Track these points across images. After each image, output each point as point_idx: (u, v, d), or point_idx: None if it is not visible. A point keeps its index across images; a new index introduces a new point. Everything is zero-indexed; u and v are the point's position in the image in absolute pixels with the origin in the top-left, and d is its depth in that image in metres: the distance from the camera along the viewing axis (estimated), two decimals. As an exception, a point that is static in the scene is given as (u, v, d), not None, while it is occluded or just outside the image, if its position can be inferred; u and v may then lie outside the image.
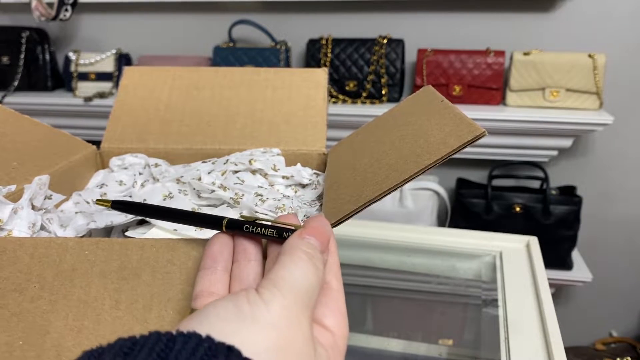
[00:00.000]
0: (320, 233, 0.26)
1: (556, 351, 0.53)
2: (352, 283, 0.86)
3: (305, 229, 0.26)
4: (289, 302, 0.22)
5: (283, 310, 0.21)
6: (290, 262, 0.23)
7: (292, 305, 0.22)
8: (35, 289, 0.31)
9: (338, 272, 0.28)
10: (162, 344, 0.18)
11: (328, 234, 0.27)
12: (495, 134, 1.18)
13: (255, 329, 0.20)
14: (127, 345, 0.18)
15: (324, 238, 0.26)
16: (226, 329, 0.20)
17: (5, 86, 1.35)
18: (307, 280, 0.23)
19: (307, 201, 0.45)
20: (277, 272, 0.23)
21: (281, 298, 0.21)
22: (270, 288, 0.22)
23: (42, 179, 0.44)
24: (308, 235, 0.26)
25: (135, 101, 0.57)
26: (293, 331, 0.21)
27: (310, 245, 0.25)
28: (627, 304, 1.46)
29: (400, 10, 1.28)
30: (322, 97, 0.56)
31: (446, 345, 0.75)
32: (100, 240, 0.34)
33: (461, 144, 0.31)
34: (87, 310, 0.30)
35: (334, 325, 0.25)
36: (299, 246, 0.25)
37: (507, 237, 0.78)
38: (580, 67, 1.14)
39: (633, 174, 1.32)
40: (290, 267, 0.23)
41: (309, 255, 0.24)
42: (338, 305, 0.26)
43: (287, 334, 0.21)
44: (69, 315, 0.30)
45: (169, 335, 0.19)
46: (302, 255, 0.24)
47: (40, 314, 0.29)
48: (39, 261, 0.32)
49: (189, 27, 1.40)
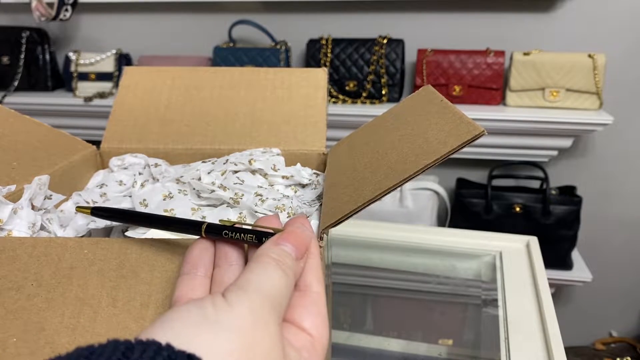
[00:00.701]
0: (298, 238, 0.26)
1: (556, 351, 0.53)
2: (352, 283, 0.86)
3: (282, 235, 0.26)
4: (254, 304, 0.21)
5: (248, 312, 0.21)
6: (257, 267, 0.24)
7: (258, 307, 0.21)
8: (32, 287, 0.31)
9: (320, 274, 0.27)
10: (120, 353, 0.18)
11: (306, 239, 0.27)
12: (495, 134, 1.18)
13: (218, 332, 0.20)
14: (84, 355, 0.18)
15: (301, 243, 0.26)
16: (188, 333, 0.19)
17: (5, 86, 1.35)
18: (273, 284, 0.23)
19: (307, 201, 0.45)
20: (243, 276, 0.23)
21: (247, 300, 0.21)
22: (236, 291, 0.22)
23: (42, 179, 0.44)
24: (284, 241, 0.26)
25: (135, 101, 0.57)
26: (259, 333, 0.21)
27: (281, 252, 0.25)
28: (627, 304, 1.46)
29: (400, 10, 1.28)
30: (322, 97, 0.56)
31: (446, 345, 0.75)
32: (99, 240, 0.34)
33: (460, 144, 0.31)
34: (83, 307, 0.30)
35: (312, 327, 0.25)
36: (268, 253, 0.25)
37: (507, 237, 0.78)
38: (580, 67, 1.14)
39: (633, 174, 1.32)
40: (256, 271, 0.23)
41: (277, 262, 0.24)
42: (318, 308, 0.26)
43: (253, 336, 0.20)
44: (65, 313, 0.30)
45: (127, 343, 0.18)
46: (269, 260, 0.24)
47: (36, 311, 0.29)
48: (37, 260, 0.32)
49: (189, 27, 1.40)
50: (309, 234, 0.28)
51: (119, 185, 0.49)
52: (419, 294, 0.84)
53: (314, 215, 0.42)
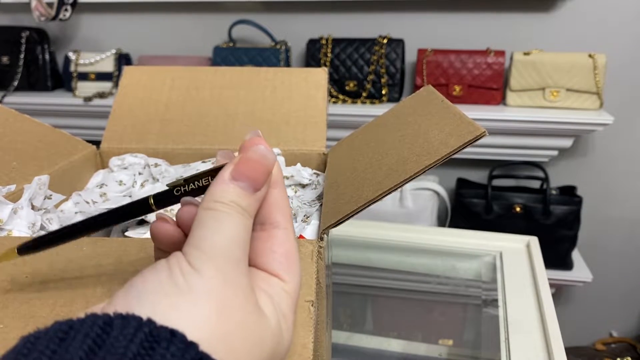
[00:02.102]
0: (254, 166, 0.23)
1: (556, 351, 0.53)
2: (352, 283, 0.86)
3: (235, 167, 0.23)
4: (219, 264, 0.20)
5: (216, 274, 0.20)
6: (211, 220, 0.21)
7: (223, 266, 0.20)
8: (27, 279, 0.31)
9: (286, 207, 0.25)
10: (98, 328, 0.17)
11: (266, 166, 0.23)
12: (495, 134, 1.18)
13: (194, 300, 0.19)
14: (62, 330, 0.17)
15: (259, 173, 0.23)
16: (165, 303, 0.19)
17: (5, 86, 1.35)
18: (232, 236, 0.21)
19: (307, 201, 0.45)
20: (197, 232, 0.21)
21: (210, 262, 0.20)
22: (197, 254, 0.20)
23: (42, 179, 0.44)
24: (237, 176, 0.22)
25: (134, 101, 0.57)
26: (230, 291, 0.20)
27: (234, 194, 0.22)
28: (627, 304, 1.46)
29: (400, 10, 1.28)
30: (322, 97, 0.56)
31: (446, 345, 0.75)
32: (99, 239, 0.34)
33: (461, 144, 0.31)
34: (76, 297, 0.30)
35: (280, 270, 0.23)
36: (222, 198, 0.22)
37: (507, 237, 0.78)
38: (580, 67, 1.14)
39: (633, 174, 1.32)
40: (210, 225, 0.21)
41: (230, 208, 0.22)
42: (285, 247, 0.24)
43: (225, 296, 0.20)
44: (57, 302, 0.29)
45: (106, 318, 0.17)
46: (222, 209, 0.21)
47: (27, 300, 0.29)
48: (34, 255, 0.32)
49: (189, 27, 1.40)
50: (268, 157, 0.23)
51: (118, 185, 0.49)
52: (419, 294, 0.84)
53: (314, 216, 0.41)
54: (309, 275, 0.31)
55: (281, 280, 0.23)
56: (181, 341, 0.17)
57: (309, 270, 0.32)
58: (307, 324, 0.28)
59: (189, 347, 0.17)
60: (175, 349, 0.17)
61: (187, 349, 0.17)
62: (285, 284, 0.23)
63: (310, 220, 0.40)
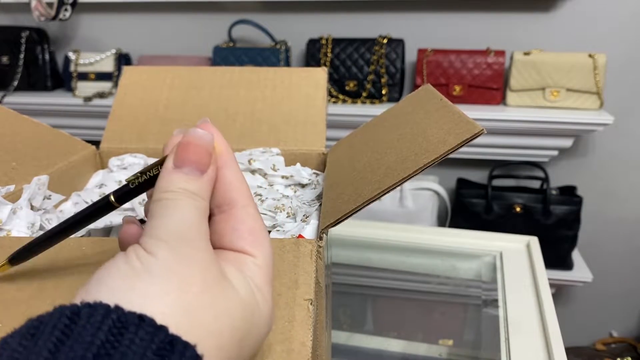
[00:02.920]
0: (193, 151, 0.23)
1: (556, 351, 0.53)
2: (352, 283, 0.85)
3: (176, 154, 0.23)
4: (173, 245, 0.20)
5: (170, 253, 0.20)
6: (161, 208, 0.21)
7: (178, 245, 0.20)
8: (26, 279, 0.30)
9: (240, 183, 0.25)
10: (66, 319, 0.17)
11: (206, 147, 0.23)
12: (496, 134, 1.18)
13: (151, 279, 0.19)
14: (34, 326, 0.17)
15: (201, 155, 0.23)
16: (122, 286, 0.19)
17: (5, 86, 1.35)
18: (183, 220, 0.21)
19: (307, 201, 0.45)
20: (151, 223, 0.21)
21: (165, 244, 0.20)
22: (151, 241, 0.21)
23: (41, 179, 0.44)
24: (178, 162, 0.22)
25: (134, 101, 0.57)
26: (186, 266, 0.20)
27: (180, 180, 0.22)
28: (627, 304, 1.46)
29: (400, 10, 1.28)
30: (321, 96, 0.56)
31: (446, 345, 0.75)
32: (99, 239, 0.34)
33: (460, 142, 0.31)
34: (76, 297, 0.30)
35: (247, 245, 0.23)
36: (169, 187, 0.22)
37: (507, 237, 0.78)
38: (580, 67, 1.14)
39: (633, 174, 1.32)
40: (160, 213, 0.21)
41: (181, 194, 0.22)
42: (247, 224, 0.24)
43: (182, 271, 0.20)
44: (55, 302, 0.29)
45: (73, 307, 0.17)
46: (172, 197, 0.22)
47: (26, 299, 0.29)
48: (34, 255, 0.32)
49: (189, 27, 1.40)
50: (206, 139, 0.23)
51: (118, 185, 0.49)
52: (419, 294, 0.84)
53: (314, 215, 0.41)
54: (307, 274, 0.31)
55: (250, 255, 0.23)
56: (150, 325, 0.17)
57: (307, 269, 0.32)
58: (305, 322, 0.28)
59: (158, 331, 0.17)
60: (143, 333, 0.17)
61: (156, 332, 0.17)
62: (255, 259, 0.23)
63: (310, 219, 0.40)
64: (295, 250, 0.33)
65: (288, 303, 0.29)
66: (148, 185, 0.25)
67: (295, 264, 0.32)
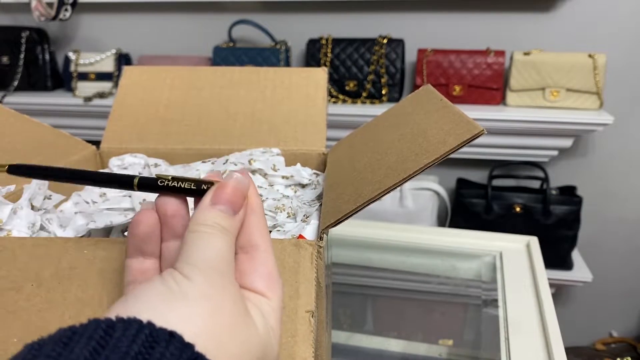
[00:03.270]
0: (232, 191, 0.25)
1: (556, 351, 0.53)
2: (352, 283, 0.85)
3: (215, 192, 0.25)
4: (208, 273, 0.22)
5: (205, 281, 0.22)
6: (197, 239, 0.24)
7: (212, 274, 0.22)
8: (32, 288, 0.31)
9: (264, 230, 0.27)
10: (102, 331, 0.18)
11: (242, 191, 0.26)
12: (495, 134, 1.18)
13: (188, 303, 0.21)
14: (66, 335, 0.18)
15: (237, 197, 0.26)
16: (162, 308, 0.20)
17: (5, 86, 1.35)
18: (217, 252, 0.23)
19: (307, 201, 0.45)
20: (187, 251, 0.23)
21: (200, 272, 0.22)
22: (187, 266, 0.22)
23: (42, 178, 0.44)
24: (216, 200, 0.25)
25: (134, 101, 0.57)
26: (220, 296, 0.22)
27: (216, 216, 0.25)
28: (627, 304, 1.46)
29: (400, 10, 1.28)
30: (321, 96, 0.56)
31: (446, 345, 0.75)
32: (99, 240, 0.34)
33: (460, 143, 0.31)
34: (84, 308, 0.30)
35: (265, 288, 0.25)
36: (205, 221, 0.24)
37: (507, 237, 0.78)
38: (580, 67, 1.14)
39: (633, 174, 1.32)
40: (197, 243, 0.23)
41: (213, 228, 0.24)
42: (267, 268, 0.26)
43: (216, 300, 0.22)
44: (65, 314, 0.30)
45: (108, 321, 0.18)
46: (206, 230, 0.24)
47: (36, 312, 0.29)
48: (37, 260, 0.32)
49: (189, 27, 1.40)
50: (244, 183, 0.26)
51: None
52: (419, 294, 0.84)
53: (314, 215, 0.41)
54: (308, 281, 0.31)
55: (266, 297, 0.25)
56: (179, 342, 0.19)
57: (308, 276, 0.32)
58: (307, 337, 0.28)
59: (186, 347, 0.19)
60: (173, 348, 0.18)
61: (184, 349, 0.18)
62: (270, 301, 0.25)
63: (310, 220, 0.40)
64: (296, 254, 0.33)
65: (290, 315, 0.29)
66: (172, 192, 0.27)
67: (296, 270, 0.32)
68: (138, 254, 0.27)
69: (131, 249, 0.27)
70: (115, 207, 0.44)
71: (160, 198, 0.27)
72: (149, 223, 0.27)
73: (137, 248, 0.27)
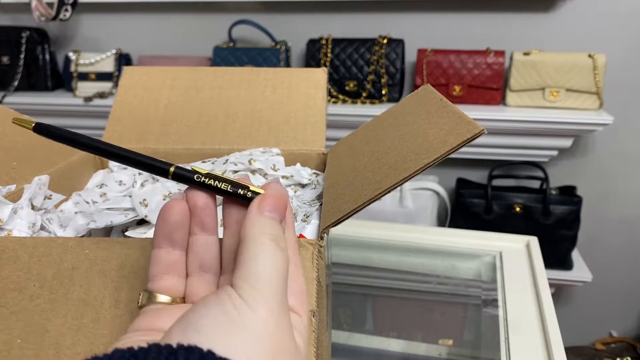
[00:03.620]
0: (278, 201, 0.25)
1: (556, 351, 0.53)
2: (352, 283, 0.85)
3: (264, 199, 0.25)
4: (272, 303, 0.21)
5: (270, 314, 0.21)
6: (260, 252, 0.22)
7: (275, 305, 0.21)
8: (35, 288, 0.31)
9: (296, 245, 0.27)
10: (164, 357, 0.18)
11: (285, 199, 0.26)
12: (495, 134, 1.18)
13: (249, 337, 0.20)
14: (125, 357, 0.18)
15: (282, 205, 0.25)
16: (222, 339, 0.20)
17: (5, 86, 1.35)
18: (279, 271, 0.22)
19: (307, 201, 0.45)
20: (249, 267, 0.22)
21: (264, 301, 0.21)
22: (249, 291, 0.21)
23: (42, 179, 0.44)
24: (267, 206, 0.24)
25: (134, 101, 0.57)
26: (281, 333, 0.21)
27: (272, 225, 0.24)
28: (627, 304, 1.46)
29: (400, 10, 1.28)
30: (321, 96, 0.56)
31: (446, 345, 0.75)
32: (100, 239, 0.34)
33: (460, 142, 0.31)
34: (86, 309, 0.30)
35: (297, 305, 0.25)
36: (262, 230, 0.23)
37: (507, 237, 0.78)
38: (580, 67, 1.14)
39: (633, 174, 1.32)
40: (259, 258, 0.22)
41: (273, 238, 0.23)
42: (298, 283, 0.26)
43: (278, 338, 0.21)
44: (68, 314, 0.30)
45: (169, 348, 0.18)
46: (267, 242, 0.23)
47: (39, 312, 0.29)
48: (38, 260, 0.32)
49: (189, 27, 1.40)
50: (286, 195, 0.26)
51: (118, 185, 0.49)
52: (419, 294, 0.84)
53: (314, 215, 0.42)
54: (309, 281, 0.31)
55: (297, 314, 0.25)
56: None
57: (309, 276, 0.32)
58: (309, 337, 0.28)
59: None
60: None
61: None
62: (301, 319, 0.25)
63: (310, 219, 0.41)
64: (297, 253, 0.33)
65: None
66: (205, 188, 0.27)
67: None
68: (167, 243, 0.26)
69: (160, 237, 0.26)
70: (115, 207, 0.44)
71: (191, 190, 0.27)
72: (181, 211, 0.26)
73: (166, 236, 0.26)
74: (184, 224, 0.26)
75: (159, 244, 0.27)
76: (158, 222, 0.26)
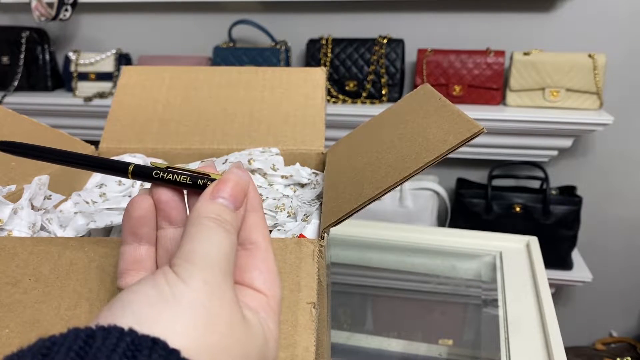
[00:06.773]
0: (233, 186, 0.25)
1: (556, 351, 0.53)
2: (352, 283, 0.85)
3: (217, 186, 0.24)
4: (207, 275, 0.21)
5: (203, 284, 0.20)
6: (199, 232, 0.22)
7: (211, 277, 0.21)
8: (30, 282, 0.30)
9: (265, 228, 0.26)
10: (81, 341, 0.17)
11: (243, 186, 0.25)
12: (495, 134, 1.18)
13: (179, 309, 0.19)
14: (46, 346, 0.17)
15: (238, 192, 0.25)
16: (148, 314, 0.19)
17: (5, 86, 1.35)
18: (219, 249, 0.22)
19: (307, 200, 0.45)
20: (187, 246, 0.22)
21: (198, 273, 0.21)
22: (184, 265, 0.21)
23: (42, 179, 0.44)
24: (219, 193, 0.24)
25: (133, 101, 0.57)
26: (217, 303, 0.20)
27: (219, 209, 0.23)
28: (627, 304, 1.46)
29: (400, 10, 1.28)
30: (320, 96, 0.56)
31: (446, 345, 0.75)
32: (101, 239, 0.34)
33: (460, 141, 0.31)
34: (80, 300, 0.30)
35: (264, 287, 0.24)
36: (207, 214, 0.23)
37: (507, 237, 0.78)
38: (580, 67, 1.14)
39: (633, 174, 1.32)
40: (198, 237, 0.22)
41: (216, 222, 0.23)
42: (267, 265, 0.25)
43: (212, 308, 0.20)
44: (61, 305, 0.29)
45: (88, 330, 0.18)
46: (209, 223, 0.22)
47: (31, 304, 0.29)
48: (37, 257, 0.32)
49: (189, 27, 1.40)
50: (245, 179, 0.25)
51: (118, 185, 0.49)
52: (419, 294, 0.84)
53: (314, 215, 0.42)
54: (310, 276, 0.31)
55: (265, 296, 0.24)
56: (163, 348, 0.17)
57: (310, 271, 0.32)
58: (309, 327, 0.28)
59: (171, 354, 0.17)
60: (157, 355, 0.17)
61: (168, 356, 0.17)
62: (269, 300, 0.24)
63: (311, 219, 0.40)
64: (298, 251, 0.33)
65: (290, 307, 0.29)
66: (166, 184, 0.27)
67: (298, 265, 0.32)
68: (133, 239, 0.26)
69: (126, 234, 0.27)
70: (115, 207, 0.44)
71: (154, 186, 0.27)
72: (144, 206, 0.26)
73: (132, 232, 0.26)
74: (149, 219, 0.27)
75: (125, 240, 0.27)
76: (123, 218, 0.27)
